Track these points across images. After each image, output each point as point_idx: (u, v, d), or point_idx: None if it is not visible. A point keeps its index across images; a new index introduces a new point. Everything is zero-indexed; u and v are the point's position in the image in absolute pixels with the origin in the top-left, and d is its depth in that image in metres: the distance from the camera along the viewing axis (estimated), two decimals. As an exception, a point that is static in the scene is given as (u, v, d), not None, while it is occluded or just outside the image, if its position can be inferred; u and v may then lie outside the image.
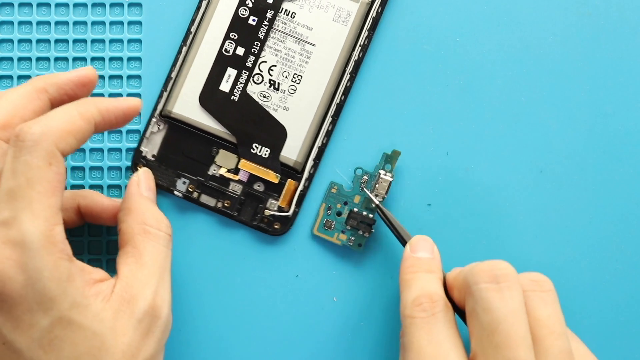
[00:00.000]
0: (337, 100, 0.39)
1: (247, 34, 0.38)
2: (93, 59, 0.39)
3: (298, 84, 0.38)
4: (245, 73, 0.38)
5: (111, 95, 0.39)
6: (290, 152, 0.38)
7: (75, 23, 0.39)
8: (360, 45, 0.39)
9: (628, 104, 0.39)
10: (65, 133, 0.30)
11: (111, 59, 0.39)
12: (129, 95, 0.39)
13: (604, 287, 0.39)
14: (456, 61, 0.39)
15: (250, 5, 0.38)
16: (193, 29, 0.38)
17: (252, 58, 0.38)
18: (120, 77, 0.39)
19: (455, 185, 0.39)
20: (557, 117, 0.39)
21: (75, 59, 0.39)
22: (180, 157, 0.39)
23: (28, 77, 0.39)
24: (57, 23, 0.39)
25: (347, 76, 0.39)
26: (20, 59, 0.39)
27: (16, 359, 0.29)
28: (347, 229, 0.38)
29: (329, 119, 0.39)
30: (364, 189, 0.38)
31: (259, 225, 0.39)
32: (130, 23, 0.39)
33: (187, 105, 0.38)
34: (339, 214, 0.39)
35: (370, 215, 0.38)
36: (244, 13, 0.38)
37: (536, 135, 0.39)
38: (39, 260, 0.29)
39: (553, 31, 0.40)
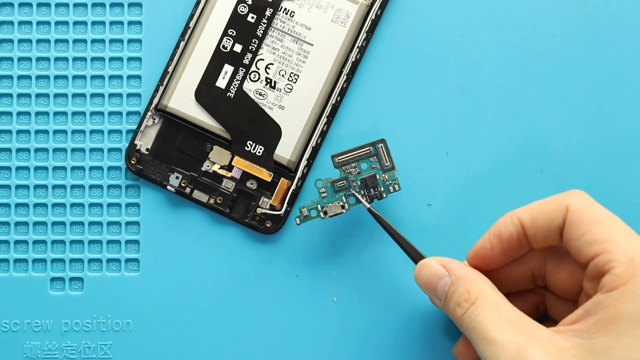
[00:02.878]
0: (332, 101, 0.39)
1: (245, 31, 0.38)
2: (93, 59, 0.39)
3: (294, 83, 0.38)
4: (242, 70, 0.38)
5: (111, 95, 0.39)
6: (285, 151, 0.38)
7: (75, 23, 0.39)
8: (358, 47, 0.39)
9: (628, 104, 0.39)
10: None
11: (111, 59, 0.39)
12: (129, 95, 0.39)
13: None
14: (456, 61, 0.39)
15: (250, 2, 0.38)
16: (191, 24, 0.38)
17: (249, 55, 0.38)
18: (120, 77, 0.39)
19: (455, 185, 0.39)
20: (557, 116, 0.39)
21: (75, 59, 0.39)
22: (174, 152, 0.39)
23: (28, 77, 0.39)
24: (57, 23, 0.39)
25: (343, 77, 0.39)
26: (20, 59, 0.39)
27: None
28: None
29: (324, 120, 0.39)
30: (354, 193, 0.37)
31: (250, 223, 0.39)
32: (130, 23, 0.39)
33: (183, 100, 0.38)
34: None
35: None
36: (243, 10, 0.38)
37: (536, 135, 0.39)
38: None
39: (553, 31, 0.40)
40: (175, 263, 0.39)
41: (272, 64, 0.38)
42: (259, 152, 0.38)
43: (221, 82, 0.38)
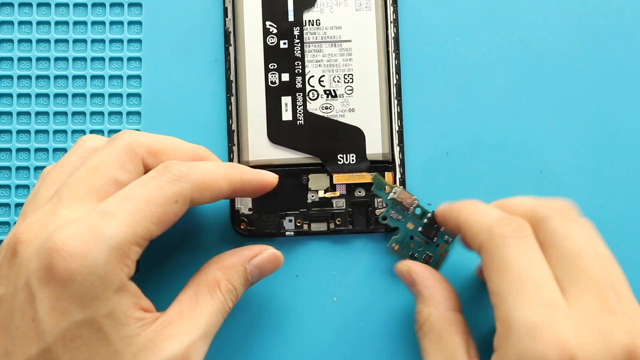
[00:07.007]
0: (393, 80, 0.39)
1: (285, 59, 0.38)
2: (93, 59, 0.39)
3: (352, 82, 0.38)
4: (299, 95, 0.38)
5: (111, 95, 0.39)
6: (374, 147, 0.38)
7: (75, 23, 0.39)
8: (391, 21, 0.39)
9: (628, 104, 0.39)
10: (204, 186, 0.32)
11: (111, 59, 0.39)
12: (129, 95, 0.39)
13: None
14: (456, 61, 0.39)
15: (275, 31, 0.38)
16: (232, 77, 0.38)
17: (299, 79, 0.38)
18: (120, 77, 0.39)
19: (456, 185, 0.39)
20: (557, 117, 0.39)
21: (75, 59, 0.39)
22: (276, 199, 0.38)
23: (28, 77, 0.39)
24: (57, 23, 0.39)
25: (392, 55, 0.39)
26: (20, 59, 0.39)
27: (37, 340, 0.29)
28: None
29: (394, 101, 0.39)
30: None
31: (375, 228, 0.38)
32: (130, 23, 0.39)
33: (260, 148, 0.38)
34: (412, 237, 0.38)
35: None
36: (272, 41, 0.38)
37: (536, 135, 0.39)
38: (105, 257, 0.29)
39: (553, 31, 0.40)
40: (175, 263, 0.39)
41: (324, 76, 0.38)
42: (353, 160, 0.38)
43: (286, 115, 0.38)
